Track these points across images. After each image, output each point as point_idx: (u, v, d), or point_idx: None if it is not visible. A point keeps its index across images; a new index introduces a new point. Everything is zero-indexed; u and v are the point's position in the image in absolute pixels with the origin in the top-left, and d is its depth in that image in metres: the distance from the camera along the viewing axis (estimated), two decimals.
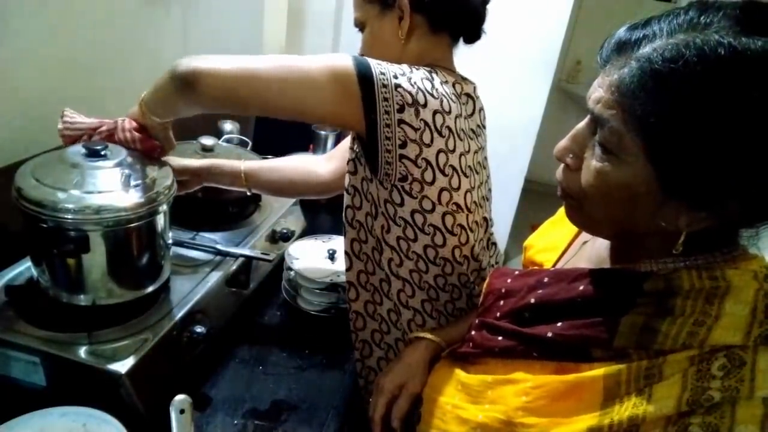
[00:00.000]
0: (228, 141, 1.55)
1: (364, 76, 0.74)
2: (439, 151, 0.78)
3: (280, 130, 1.91)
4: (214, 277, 1.01)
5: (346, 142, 1.09)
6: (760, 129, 0.43)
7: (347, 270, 0.92)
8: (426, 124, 0.76)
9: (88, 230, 0.78)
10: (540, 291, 0.61)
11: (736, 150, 0.44)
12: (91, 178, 0.80)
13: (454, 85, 0.85)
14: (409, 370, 0.77)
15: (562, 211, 0.66)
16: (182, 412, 0.71)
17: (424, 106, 0.75)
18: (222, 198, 1.23)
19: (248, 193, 1.10)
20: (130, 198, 0.80)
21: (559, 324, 0.56)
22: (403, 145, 0.75)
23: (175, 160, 1.03)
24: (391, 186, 0.80)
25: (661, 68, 0.46)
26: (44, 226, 0.77)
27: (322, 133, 1.68)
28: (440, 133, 0.77)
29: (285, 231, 1.27)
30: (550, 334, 0.56)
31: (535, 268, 0.74)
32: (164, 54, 1.35)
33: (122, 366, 0.77)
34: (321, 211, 1.58)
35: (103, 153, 0.83)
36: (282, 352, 1.04)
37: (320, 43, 2.10)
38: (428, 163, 0.77)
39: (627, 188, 0.50)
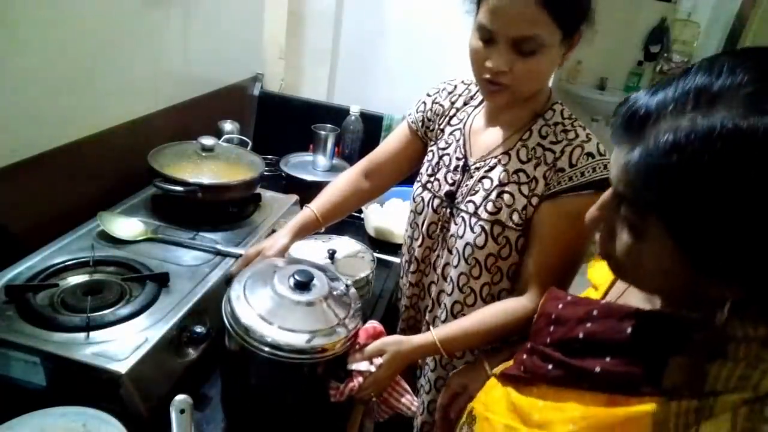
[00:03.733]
0: (228, 141, 1.55)
1: None
2: None
3: (279, 130, 1.91)
4: (214, 277, 1.01)
5: (375, 155, 1.14)
6: None
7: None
8: None
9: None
10: (589, 325, 0.60)
11: (755, 227, 0.43)
12: (292, 313, 0.81)
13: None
14: (473, 374, 0.90)
15: None
16: (182, 412, 0.72)
17: None
18: (222, 198, 1.23)
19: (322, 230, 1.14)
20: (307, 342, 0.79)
21: (607, 359, 0.56)
22: None
23: (277, 249, 1.01)
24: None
25: (665, 161, 0.45)
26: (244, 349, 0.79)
27: (322, 133, 1.68)
28: None
29: None
30: (598, 369, 0.56)
31: (586, 297, 0.73)
32: (165, 55, 1.34)
33: (122, 366, 0.77)
34: None
35: (310, 286, 0.84)
36: None
37: (320, 44, 2.10)
38: None
39: (658, 263, 0.51)
